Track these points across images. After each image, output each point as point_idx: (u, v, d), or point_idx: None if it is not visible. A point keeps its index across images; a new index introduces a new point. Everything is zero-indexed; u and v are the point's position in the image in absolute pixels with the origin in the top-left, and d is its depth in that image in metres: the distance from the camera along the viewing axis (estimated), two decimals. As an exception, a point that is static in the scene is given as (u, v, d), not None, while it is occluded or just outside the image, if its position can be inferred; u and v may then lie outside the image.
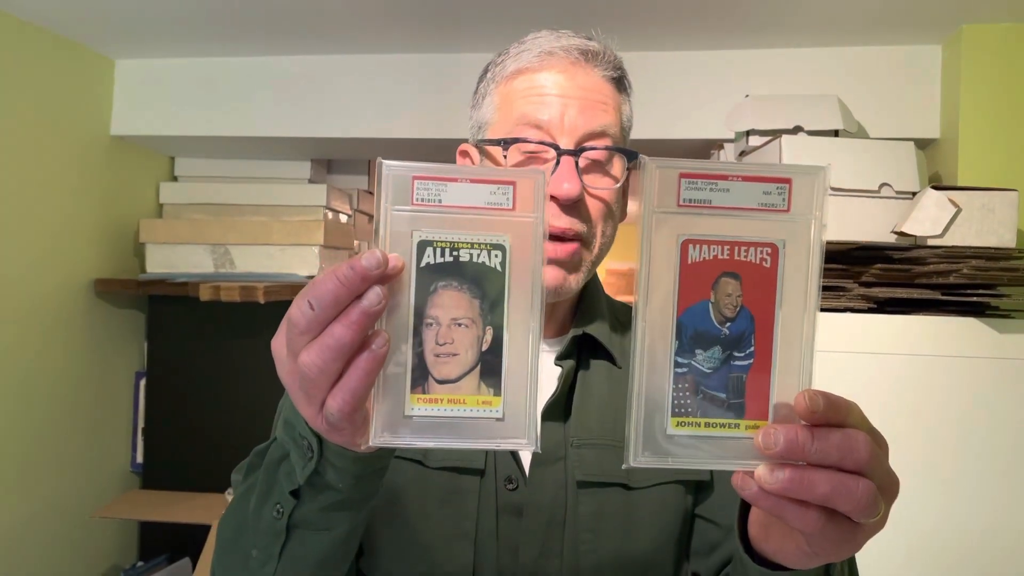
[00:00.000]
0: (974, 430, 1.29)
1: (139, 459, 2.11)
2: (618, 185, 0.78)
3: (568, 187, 0.72)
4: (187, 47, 1.88)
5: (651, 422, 0.45)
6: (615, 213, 0.80)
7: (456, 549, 0.73)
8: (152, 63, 1.96)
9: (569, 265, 0.76)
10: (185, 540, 2.00)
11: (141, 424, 2.11)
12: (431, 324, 0.46)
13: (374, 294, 0.43)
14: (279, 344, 0.47)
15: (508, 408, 0.47)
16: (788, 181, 0.45)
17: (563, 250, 0.75)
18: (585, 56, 0.77)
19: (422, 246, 0.46)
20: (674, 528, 0.78)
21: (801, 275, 0.45)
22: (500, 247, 0.47)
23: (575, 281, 0.77)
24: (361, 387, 0.44)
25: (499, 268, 0.47)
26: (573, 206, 0.74)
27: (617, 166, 0.78)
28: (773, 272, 0.45)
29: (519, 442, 0.47)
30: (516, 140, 0.75)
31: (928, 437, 1.29)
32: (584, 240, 0.76)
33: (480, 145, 0.81)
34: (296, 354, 0.45)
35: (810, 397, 0.42)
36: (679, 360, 0.45)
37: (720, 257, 0.45)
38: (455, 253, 0.46)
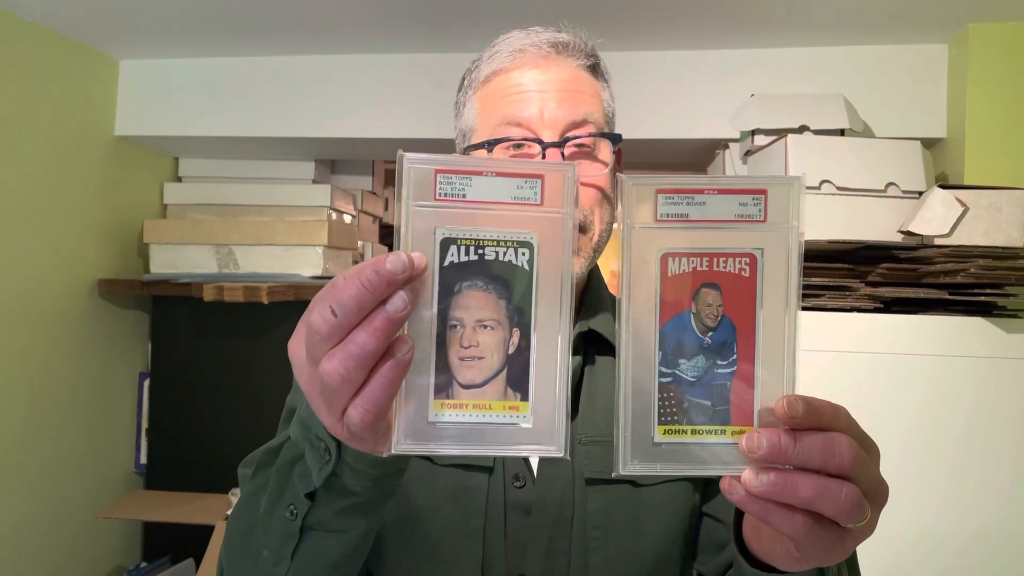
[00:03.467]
0: (981, 430, 1.28)
1: (143, 459, 2.11)
2: (607, 169, 0.78)
3: None
4: (191, 47, 1.88)
5: (639, 430, 0.46)
6: (610, 197, 0.80)
7: (465, 546, 0.73)
8: (156, 63, 1.97)
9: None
10: (189, 541, 2.00)
11: (145, 424, 2.11)
12: (455, 326, 0.44)
13: (399, 299, 0.41)
14: (297, 348, 0.45)
15: (536, 413, 0.45)
16: (763, 192, 0.46)
17: None
18: (556, 49, 0.77)
19: (445, 244, 0.44)
20: (682, 525, 0.78)
21: (780, 282, 0.46)
22: (527, 244, 0.45)
23: (579, 265, 0.77)
24: (384, 397, 0.42)
25: (526, 267, 0.45)
26: None
27: (604, 151, 0.78)
28: (752, 281, 0.46)
29: (547, 448, 0.45)
30: (499, 140, 0.75)
31: (934, 437, 1.28)
32: (583, 228, 0.76)
33: (467, 152, 0.81)
34: (316, 360, 0.43)
35: (789, 403, 0.43)
36: (663, 370, 0.46)
37: (699, 269, 0.46)
38: (480, 251, 0.45)
